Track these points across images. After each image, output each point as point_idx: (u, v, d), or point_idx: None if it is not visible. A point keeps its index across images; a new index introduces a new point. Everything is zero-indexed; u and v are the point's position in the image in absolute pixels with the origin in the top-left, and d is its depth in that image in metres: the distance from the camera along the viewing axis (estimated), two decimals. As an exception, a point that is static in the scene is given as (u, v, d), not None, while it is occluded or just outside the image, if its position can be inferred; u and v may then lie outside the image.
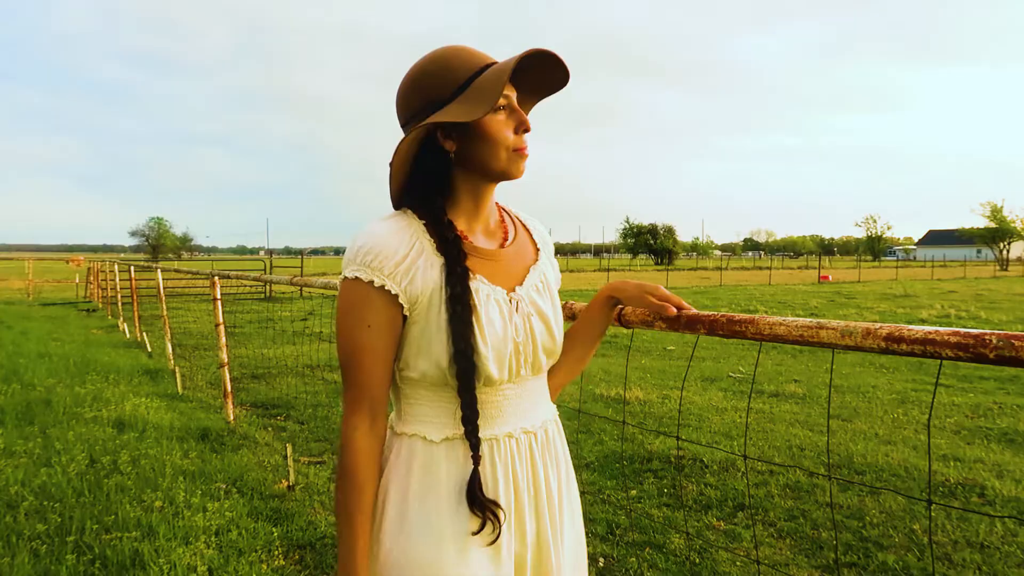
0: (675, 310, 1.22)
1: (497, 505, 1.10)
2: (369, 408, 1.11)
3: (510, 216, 1.30)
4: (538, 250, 1.27)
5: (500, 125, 1.12)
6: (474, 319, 1.09)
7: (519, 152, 1.14)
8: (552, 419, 1.25)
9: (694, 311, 1.22)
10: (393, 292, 1.09)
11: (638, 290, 1.27)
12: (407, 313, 1.11)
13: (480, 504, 1.08)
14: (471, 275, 1.12)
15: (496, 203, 1.27)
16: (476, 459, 1.09)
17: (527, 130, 1.14)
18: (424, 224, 1.14)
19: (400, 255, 1.10)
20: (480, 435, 1.11)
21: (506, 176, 1.16)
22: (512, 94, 1.13)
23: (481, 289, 1.12)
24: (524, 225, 1.31)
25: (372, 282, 1.09)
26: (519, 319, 1.15)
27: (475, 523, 1.09)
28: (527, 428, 1.17)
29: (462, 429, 1.10)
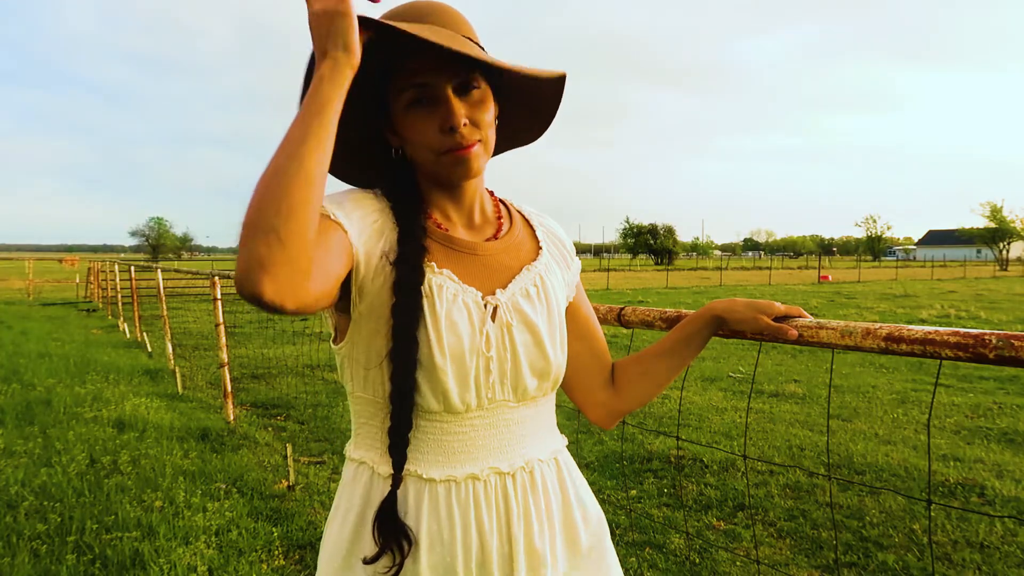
0: (796, 333, 1.02)
1: (406, 537, 0.91)
2: None
3: (510, 210, 1.10)
4: (539, 248, 1.06)
5: (417, 123, 0.92)
6: (429, 319, 0.90)
7: (450, 155, 0.92)
8: (546, 459, 1.01)
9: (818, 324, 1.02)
10: (353, 243, 0.90)
11: (750, 310, 1.04)
12: (354, 290, 0.92)
13: (386, 530, 0.90)
14: (435, 269, 0.94)
15: (493, 195, 1.09)
16: (396, 480, 0.91)
17: (453, 127, 0.90)
18: (391, 207, 0.97)
19: (362, 211, 0.93)
20: (433, 474, 0.93)
21: (446, 182, 0.97)
22: (443, 83, 0.91)
23: (447, 287, 0.93)
24: (526, 220, 1.10)
25: (328, 215, 0.89)
26: (494, 329, 0.95)
27: (373, 551, 0.91)
28: (500, 468, 0.95)
29: (415, 465, 0.93)
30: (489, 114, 0.95)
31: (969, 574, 2.90)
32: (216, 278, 5.58)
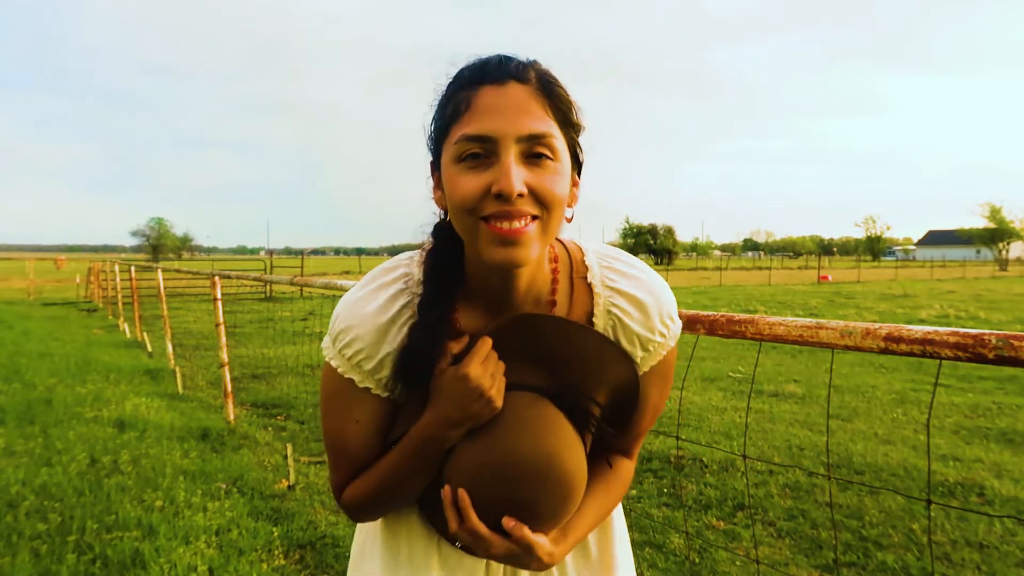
0: None
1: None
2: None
3: (572, 284, 0.92)
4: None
5: (462, 178, 0.76)
6: None
7: (491, 227, 0.74)
8: None
9: None
10: (383, 396, 0.89)
11: None
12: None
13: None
14: None
15: (556, 261, 0.91)
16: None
17: (503, 194, 0.73)
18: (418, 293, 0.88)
19: (384, 340, 0.86)
20: None
21: (482, 259, 0.78)
22: (504, 139, 0.74)
23: None
24: (591, 297, 0.92)
25: (352, 381, 0.88)
26: None
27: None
28: None
29: None
30: (561, 188, 0.77)
31: (968, 574, 2.90)
32: (216, 278, 5.57)
